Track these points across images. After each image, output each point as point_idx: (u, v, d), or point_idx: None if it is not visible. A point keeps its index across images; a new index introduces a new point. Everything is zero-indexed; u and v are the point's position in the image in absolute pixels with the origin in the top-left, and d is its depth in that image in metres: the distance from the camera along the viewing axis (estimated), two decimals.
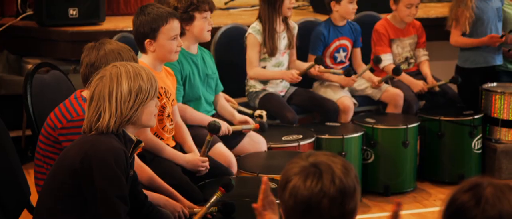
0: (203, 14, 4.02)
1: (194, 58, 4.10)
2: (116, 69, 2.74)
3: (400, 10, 5.13)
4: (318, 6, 6.06)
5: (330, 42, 5.05)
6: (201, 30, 4.04)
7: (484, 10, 5.15)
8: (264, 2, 4.78)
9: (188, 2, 4.00)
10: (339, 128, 4.77)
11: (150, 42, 3.58)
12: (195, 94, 4.10)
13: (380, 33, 5.18)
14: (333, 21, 5.07)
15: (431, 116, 5.02)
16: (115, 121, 2.70)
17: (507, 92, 5.07)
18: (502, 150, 5.08)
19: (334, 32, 5.07)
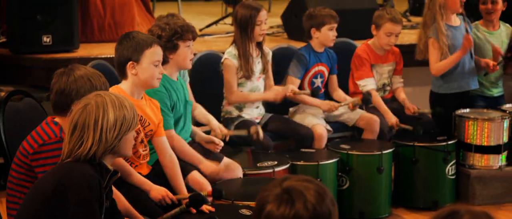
0: (186, 43, 4.05)
1: (175, 85, 4.11)
2: (101, 98, 2.75)
3: (379, 37, 5.17)
4: (293, 32, 6.10)
5: (310, 67, 5.08)
6: (184, 58, 4.06)
7: (454, 36, 5.20)
8: (237, 27, 4.83)
9: (173, 30, 4.02)
10: (314, 154, 4.77)
11: (132, 65, 3.58)
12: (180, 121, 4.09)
13: (363, 58, 5.20)
14: (313, 47, 5.10)
15: (405, 142, 5.04)
16: (97, 149, 2.70)
17: (480, 118, 5.11)
18: (475, 176, 5.11)
19: (314, 58, 5.09)
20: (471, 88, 5.32)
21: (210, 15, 7.40)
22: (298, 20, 5.96)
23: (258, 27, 4.77)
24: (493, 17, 5.40)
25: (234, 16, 4.91)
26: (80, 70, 3.13)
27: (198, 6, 8.87)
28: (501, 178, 5.13)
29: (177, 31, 4.01)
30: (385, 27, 5.12)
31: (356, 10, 5.91)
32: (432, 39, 5.17)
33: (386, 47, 5.20)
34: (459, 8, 5.21)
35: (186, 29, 4.04)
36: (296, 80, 5.02)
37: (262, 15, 4.79)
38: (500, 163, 5.14)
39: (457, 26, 5.26)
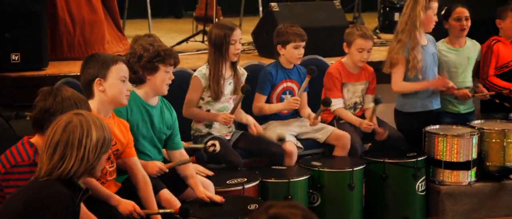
0: (167, 68, 4.05)
1: (151, 109, 4.09)
2: (83, 118, 2.76)
3: (352, 54, 5.19)
4: (263, 50, 6.11)
5: (278, 83, 5.08)
6: (161, 82, 4.05)
7: (422, 56, 5.24)
8: (211, 46, 4.82)
9: (155, 52, 4.01)
10: (285, 172, 4.77)
11: (100, 81, 3.58)
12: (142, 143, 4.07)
13: (333, 77, 5.21)
14: (281, 63, 5.11)
15: (375, 158, 5.06)
16: (78, 168, 2.70)
17: (449, 134, 5.15)
18: (445, 192, 5.14)
19: (282, 74, 5.10)
20: (434, 108, 5.36)
21: (181, 33, 7.39)
22: (268, 37, 5.97)
23: (232, 47, 4.77)
24: (464, 33, 5.47)
25: (208, 36, 4.91)
26: (67, 91, 3.14)
27: (168, 23, 8.85)
28: (470, 194, 5.17)
29: (160, 53, 4.01)
30: (356, 44, 5.15)
31: (326, 28, 5.94)
32: (402, 57, 5.21)
33: (359, 64, 5.22)
34: (432, 26, 5.27)
35: (169, 54, 4.04)
36: (263, 97, 5.02)
37: (236, 34, 4.79)
38: (469, 179, 5.18)
39: (425, 46, 5.31)
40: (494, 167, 5.26)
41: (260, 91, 5.05)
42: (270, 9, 6.07)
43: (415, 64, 5.18)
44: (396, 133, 5.29)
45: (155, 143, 4.13)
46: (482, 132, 5.25)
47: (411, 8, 5.24)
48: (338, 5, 6.40)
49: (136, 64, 4.01)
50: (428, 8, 5.20)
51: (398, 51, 5.23)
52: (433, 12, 5.23)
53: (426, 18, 5.21)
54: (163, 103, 4.19)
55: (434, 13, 5.23)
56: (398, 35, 5.29)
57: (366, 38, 5.16)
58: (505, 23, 5.58)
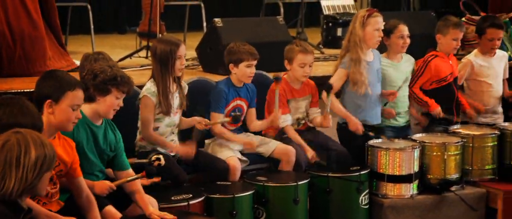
0: (119, 94, 4.03)
1: (96, 129, 4.05)
2: (22, 136, 2.71)
3: (294, 70, 5.23)
4: (207, 65, 6.11)
5: (229, 101, 5.09)
6: (109, 106, 4.03)
7: (367, 71, 5.32)
8: (156, 62, 4.80)
9: (112, 76, 4.01)
10: (230, 187, 4.77)
11: (50, 103, 3.52)
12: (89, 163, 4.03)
13: (279, 94, 5.23)
14: (232, 81, 5.12)
15: (319, 172, 5.09)
16: (18, 188, 2.64)
17: (391, 148, 5.22)
18: (388, 205, 5.20)
19: (233, 92, 5.11)
20: (374, 123, 5.43)
21: (124, 48, 7.34)
22: (212, 53, 6.00)
23: (178, 62, 4.76)
24: (405, 50, 5.56)
25: (153, 52, 4.88)
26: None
27: (112, 39, 8.78)
28: (413, 207, 5.24)
29: (117, 78, 4.00)
30: (297, 59, 5.19)
31: (270, 43, 5.97)
32: (340, 69, 5.28)
33: (302, 79, 5.26)
34: (376, 44, 5.34)
35: (125, 81, 4.04)
36: (220, 115, 5.02)
37: (182, 49, 4.79)
38: (411, 191, 5.25)
39: (371, 61, 5.38)
40: (435, 179, 5.35)
41: (216, 111, 5.03)
42: (214, 25, 6.08)
43: (361, 80, 5.24)
44: (339, 147, 5.34)
45: (98, 163, 4.09)
46: (424, 145, 5.34)
47: (352, 24, 5.34)
48: (281, 20, 6.45)
49: (90, 82, 3.99)
50: (366, 24, 5.28)
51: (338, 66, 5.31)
52: (373, 27, 5.30)
53: (365, 34, 5.28)
54: (107, 124, 4.15)
55: (374, 29, 5.30)
56: (342, 51, 5.38)
57: (306, 53, 5.21)
58: (445, 38, 5.68)
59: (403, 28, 5.52)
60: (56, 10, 6.05)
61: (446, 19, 5.73)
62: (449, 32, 5.65)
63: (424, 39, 6.06)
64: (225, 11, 9.47)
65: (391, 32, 5.52)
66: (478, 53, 5.91)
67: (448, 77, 5.68)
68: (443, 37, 5.69)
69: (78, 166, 3.73)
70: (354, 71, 5.26)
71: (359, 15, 5.34)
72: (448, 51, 5.70)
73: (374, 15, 5.32)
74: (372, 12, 5.34)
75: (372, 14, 5.31)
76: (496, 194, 5.42)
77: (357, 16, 5.36)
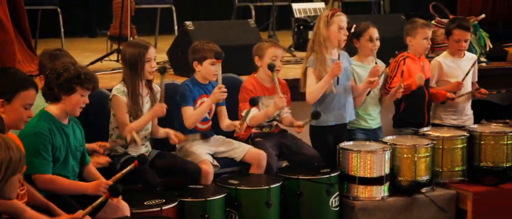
0: (84, 91, 4.01)
1: (66, 129, 4.04)
2: None
3: (265, 65, 5.24)
4: (179, 68, 6.10)
5: (197, 98, 5.08)
6: (75, 104, 4.02)
7: None
8: (126, 66, 4.79)
9: (76, 73, 3.98)
10: (202, 191, 4.76)
11: (2, 103, 3.49)
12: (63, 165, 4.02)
13: (248, 90, 5.25)
14: (196, 79, 5.12)
15: (290, 175, 5.10)
16: None
17: (363, 150, 5.25)
18: (360, 207, 5.23)
19: (199, 90, 5.11)
20: (347, 121, 5.46)
21: (95, 52, 7.30)
22: (184, 56, 5.98)
23: (147, 65, 4.75)
24: (375, 53, 5.60)
25: (122, 55, 4.87)
26: None
27: (82, 42, 8.73)
28: (384, 209, 5.27)
29: (80, 76, 3.98)
30: (268, 53, 5.22)
31: (241, 46, 5.98)
32: (308, 69, 5.30)
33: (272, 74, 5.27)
34: (341, 43, 5.37)
35: (89, 78, 4.02)
36: (190, 108, 5.00)
37: (151, 52, 4.78)
38: (383, 193, 5.28)
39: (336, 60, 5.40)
40: (406, 181, 5.39)
41: (186, 104, 5.02)
42: (185, 28, 6.08)
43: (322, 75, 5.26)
44: (310, 150, 5.36)
45: (72, 162, 4.08)
46: (394, 147, 5.37)
47: (317, 24, 5.37)
48: (252, 23, 6.47)
49: (53, 81, 3.97)
50: (330, 23, 5.31)
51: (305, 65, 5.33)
52: (337, 26, 5.32)
53: (330, 33, 5.31)
54: (72, 121, 4.15)
55: (338, 28, 5.32)
56: (308, 52, 5.40)
57: (277, 46, 5.26)
58: (415, 40, 5.73)
59: (373, 31, 5.56)
60: (26, 14, 6.00)
61: (413, 21, 5.79)
62: (419, 33, 5.70)
63: (394, 42, 6.10)
64: (196, 15, 9.48)
65: (360, 34, 5.56)
66: (447, 54, 5.97)
67: None
68: (413, 39, 5.73)
69: None
70: (320, 70, 5.29)
71: (323, 15, 5.37)
72: (420, 52, 5.75)
73: (337, 14, 5.35)
74: (336, 12, 5.38)
75: (336, 14, 5.35)
76: (466, 195, 5.47)
77: (321, 16, 5.40)
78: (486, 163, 5.68)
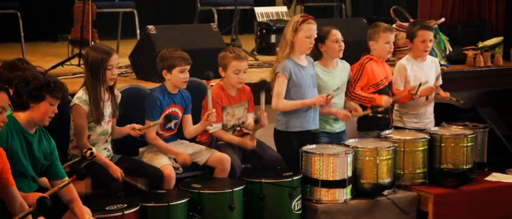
0: (53, 100, 3.98)
1: (30, 137, 3.99)
2: None
3: (228, 77, 5.24)
4: (141, 72, 6.07)
5: (165, 108, 5.06)
6: (44, 113, 3.98)
7: (301, 76, 5.38)
8: (88, 71, 4.76)
9: (45, 82, 3.95)
10: (165, 195, 4.75)
11: None
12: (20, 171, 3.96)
13: (214, 100, 5.22)
14: (166, 88, 5.10)
15: (252, 179, 5.11)
16: None
17: (325, 153, 5.27)
18: (322, 210, 5.25)
19: (168, 99, 5.09)
20: (311, 128, 5.49)
21: (56, 56, 7.24)
22: (146, 60, 5.97)
23: (109, 72, 4.74)
24: (341, 55, 5.63)
25: (84, 60, 4.85)
26: None
27: (43, 47, 8.63)
28: (346, 211, 5.30)
29: (50, 84, 3.94)
30: (231, 66, 5.21)
31: (204, 50, 5.97)
32: (278, 74, 5.31)
33: (237, 85, 5.28)
34: (307, 50, 5.39)
35: (59, 87, 3.99)
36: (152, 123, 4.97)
37: (113, 59, 4.77)
38: (345, 196, 5.31)
39: (305, 66, 5.44)
40: (368, 184, 5.42)
41: (150, 118, 5.00)
42: (147, 32, 6.05)
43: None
44: (274, 153, 5.37)
45: (31, 172, 4.03)
46: (357, 150, 5.41)
47: (286, 29, 5.40)
48: (215, 27, 6.46)
49: (22, 89, 3.93)
50: (299, 30, 5.34)
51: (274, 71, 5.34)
52: (305, 34, 5.35)
53: (297, 39, 5.34)
54: (41, 132, 4.09)
55: (306, 36, 5.35)
56: (277, 56, 5.42)
57: (240, 59, 5.24)
58: (378, 44, 5.77)
59: (337, 33, 5.60)
60: None
61: (376, 26, 5.84)
62: (381, 37, 5.75)
63: (357, 45, 6.14)
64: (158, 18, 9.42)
65: (325, 37, 5.59)
66: (410, 58, 6.03)
67: (383, 81, 5.78)
68: (376, 43, 5.78)
69: (10, 175, 3.66)
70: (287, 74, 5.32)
71: (293, 20, 5.40)
72: (383, 55, 5.81)
73: (308, 22, 5.37)
74: (307, 19, 5.40)
75: (306, 21, 5.37)
76: (427, 197, 5.53)
77: (291, 20, 5.43)
78: (446, 165, 5.75)
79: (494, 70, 7.13)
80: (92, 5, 7.07)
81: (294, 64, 5.36)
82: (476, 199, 5.64)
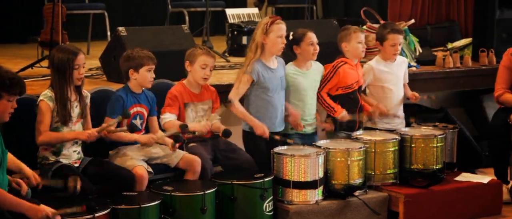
0: (10, 97, 3.95)
1: None
2: None
3: (194, 71, 5.25)
4: (112, 75, 6.05)
5: (128, 108, 5.04)
6: (3, 111, 3.97)
7: (269, 78, 5.39)
8: (54, 71, 4.74)
9: (1, 79, 3.91)
10: (136, 197, 4.73)
11: None
12: None
13: (173, 96, 5.25)
14: (130, 88, 5.08)
15: (224, 181, 5.11)
16: None
17: (297, 155, 5.29)
18: (294, 211, 5.26)
19: (132, 99, 5.08)
20: (277, 130, 5.50)
21: (26, 58, 7.18)
22: (117, 62, 5.91)
23: (76, 71, 4.72)
24: (315, 57, 5.65)
25: (51, 60, 4.82)
26: None
27: (12, 49, 8.56)
28: (318, 212, 5.31)
29: (5, 82, 3.91)
30: (199, 60, 5.22)
31: (175, 52, 5.96)
32: (244, 75, 5.32)
33: (201, 82, 5.27)
34: (279, 51, 5.41)
35: (15, 83, 3.96)
36: (112, 120, 4.96)
37: (80, 59, 4.75)
38: (316, 197, 5.33)
39: (274, 69, 5.45)
40: (339, 185, 5.45)
41: (110, 116, 4.98)
42: (118, 34, 6.02)
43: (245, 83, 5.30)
44: (244, 155, 5.37)
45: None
46: (328, 151, 5.43)
47: (255, 31, 5.41)
48: (186, 29, 6.45)
49: None
50: (270, 31, 5.35)
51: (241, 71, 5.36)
52: (276, 34, 5.36)
53: (268, 41, 5.35)
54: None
55: (277, 36, 5.37)
56: (246, 58, 5.43)
57: (209, 55, 5.27)
58: (350, 45, 5.80)
59: (312, 35, 5.62)
60: None
61: (346, 28, 5.88)
62: (353, 37, 5.78)
63: (327, 47, 6.17)
64: (129, 20, 9.40)
65: (301, 40, 5.61)
66: (380, 59, 6.06)
67: (354, 84, 5.81)
68: (348, 44, 5.81)
69: None
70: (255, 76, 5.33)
71: (262, 22, 5.41)
72: (356, 56, 5.84)
73: (277, 22, 5.40)
74: (275, 19, 5.42)
75: (275, 21, 5.39)
76: (398, 197, 5.56)
77: (260, 23, 5.44)
78: (417, 166, 5.80)
79: (463, 71, 7.21)
80: (62, 7, 7.02)
81: (263, 66, 5.38)
82: (446, 199, 5.68)
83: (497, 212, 5.85)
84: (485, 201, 5.80)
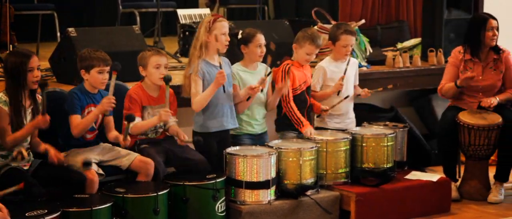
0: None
1: None
2: None
3: (150, 74, 5.24)
4: (62, 76, 5.98)
5: (84, 106, 5.02)
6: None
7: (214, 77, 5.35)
8: (8, 76, 4.70)
9: None
10: (87, 200, 4.69)
11: None
12: None
13: (132, 99, 5.22)
14: (85, 88, 5.05)
15: (176, 182, 5.09)
16: None
17: (249, 155, 5.30)
18: (247, 211, 5.27)
19: (87, 99, 5.05)
20: (230, 128, 5.50)
21: None
22: (66, 63, 5.88)
23: (30, 74, 4.69)
24: (262, 59, 5.66)
25: (4, 65, 4.77)
26: None
27: None
28: (270, 212, 5.33)
29: None
30: (151, 62, 5.22)
31: (126, 52, 5.91)
32: (192, 75, 5.32)
33: (158, 82, 5.25)
34: (223, 48, 5.41)
35: None
36: (78, 117, 4.93)
37: (34, 61, 4.72)
38: (269, 197, 5.35)
39: (218, 67, 5.44)
40: (291, 185, 5.47)
41: (73, 113, 4.96)
42: (68, 34, 5.96)
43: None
44: (197, 156, 5.36)
45: None
46: (280, 151, 5.45)
47: (198, 30, 5.41)
48: (137, 29, 6.41)
49: None
50: (212, 29, 5.35)
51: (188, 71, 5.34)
52: (220, 32, 5.35)
53: (211, 39, 5.35)
54: None
55: (221, 33, 5.36)
56: (190, 57, 5.43)
57: (159, 54, 5.28)
58: (301, 50, 5.80)
59: (261, 37, 5.63)
60: None
61: (306, 32, 5.84)
62: (305, 46, 5.78)
63: (279, 47, 6.19)
64: (79, 21, 9.30)
65: (249, 41, 5.62)
66: (331, 59, 6.11)
67: (301, 86, 5.84)
68: (299, 49, 5.83)
69: None
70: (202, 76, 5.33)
71: (205, 21, 5.41)
72: (301, 62, 5.87)
73: (219, 20, 5.40)
74: (218, 17, 5.43)
75: (218, 19, 5.39)
76: (349, 196, 5.62)
77: (203, 22, 5.43)
78: (368, 165, 5.86)
79: (413, 71, 7.30)
80: (10, 7, 6.92)
81: (207, 64, 5.37)
82: (396, 197, 5.75)
83: (446, 209, 5.95)
84: (435, 199, 5.89)
